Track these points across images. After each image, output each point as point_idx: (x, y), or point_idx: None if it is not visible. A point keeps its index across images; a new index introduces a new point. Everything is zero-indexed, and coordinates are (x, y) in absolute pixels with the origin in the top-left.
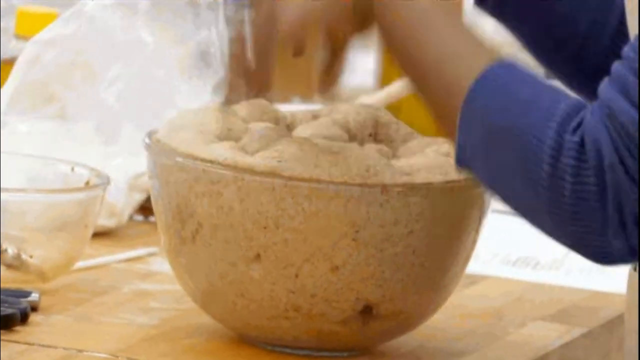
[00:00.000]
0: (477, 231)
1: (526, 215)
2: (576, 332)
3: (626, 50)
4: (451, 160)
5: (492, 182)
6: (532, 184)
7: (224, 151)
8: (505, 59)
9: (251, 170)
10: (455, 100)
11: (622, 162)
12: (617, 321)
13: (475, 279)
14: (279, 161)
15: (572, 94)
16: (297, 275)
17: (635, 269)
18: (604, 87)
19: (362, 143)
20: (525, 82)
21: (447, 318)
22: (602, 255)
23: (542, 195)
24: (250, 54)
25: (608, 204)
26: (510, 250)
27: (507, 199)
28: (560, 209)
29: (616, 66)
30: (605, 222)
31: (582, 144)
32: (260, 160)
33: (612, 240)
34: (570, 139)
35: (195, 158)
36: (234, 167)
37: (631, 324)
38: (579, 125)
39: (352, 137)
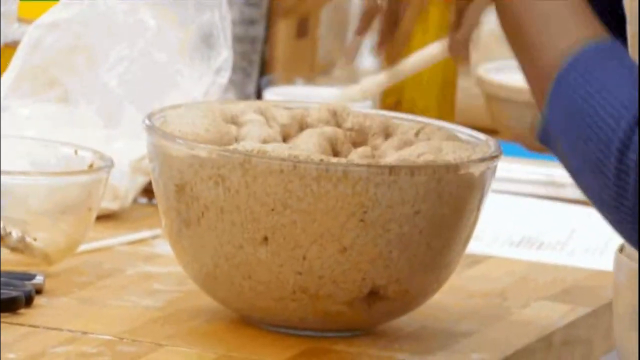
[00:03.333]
0: (478, 210)
1: (595, 204)
2: (580, 311)
3: None
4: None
5: (567, 166)
6: (601, 176)
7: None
8: (604, 38)
9: (259, 153)
10: (550, 74)
11: None
12: None
13: (479, 259)
14: (289, 146)
15: None
16: (304, 257)
17: (620, 251)
18: None
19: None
20: (615, 68)
21: (450, 298)
22: None
23: (609, 188)
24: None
25: None
26: (514, 231)
27: (580, 186)
28: (623, 204)
29: None
30: None
31: None
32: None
33: None
34: None
35: (202, 141)
36: (241, 150)
37: (619, 308)
38: None
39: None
